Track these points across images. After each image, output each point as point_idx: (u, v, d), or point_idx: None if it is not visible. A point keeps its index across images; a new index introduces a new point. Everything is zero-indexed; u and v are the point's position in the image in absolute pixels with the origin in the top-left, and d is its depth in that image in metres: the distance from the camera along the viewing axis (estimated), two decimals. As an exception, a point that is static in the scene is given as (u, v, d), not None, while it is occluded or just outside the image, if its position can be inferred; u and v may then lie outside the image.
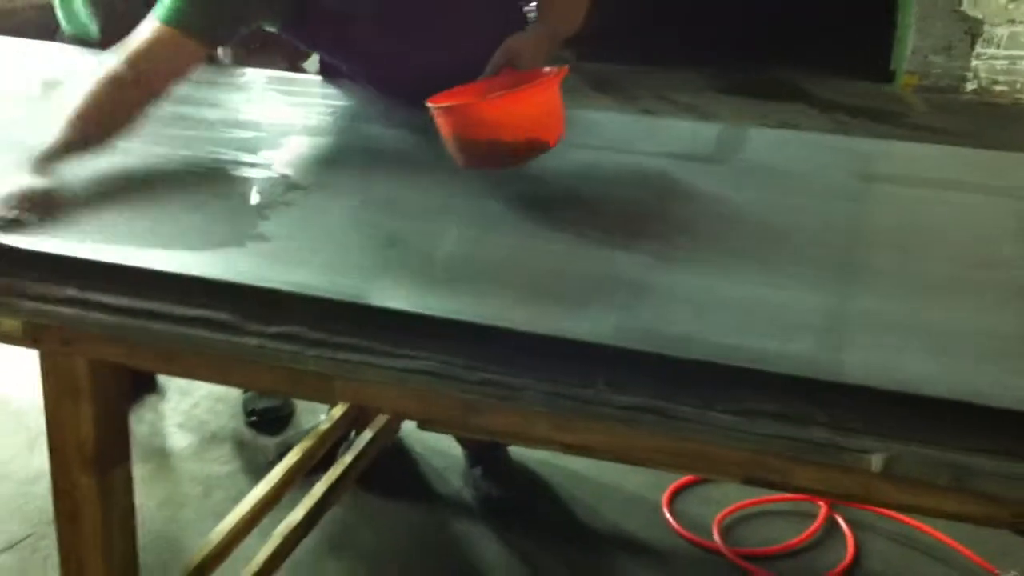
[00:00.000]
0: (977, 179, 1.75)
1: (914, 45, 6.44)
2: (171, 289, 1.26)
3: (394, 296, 1.23)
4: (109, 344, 1.31)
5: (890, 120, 5.82)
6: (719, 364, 1.13)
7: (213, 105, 1.96)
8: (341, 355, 1.20)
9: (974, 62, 6.39)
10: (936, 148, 2.01)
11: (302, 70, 4.05)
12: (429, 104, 1.58)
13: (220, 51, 2.66)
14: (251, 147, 1.73)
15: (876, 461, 1.08)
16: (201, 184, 1.57)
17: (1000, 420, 1.07)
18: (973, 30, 6.34)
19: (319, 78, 2.18)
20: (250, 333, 1.23)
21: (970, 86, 6.42)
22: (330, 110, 1.99)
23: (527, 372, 1.17)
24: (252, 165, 1.65)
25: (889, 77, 6.61)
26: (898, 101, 6.26)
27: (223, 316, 1.24)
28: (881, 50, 6.69)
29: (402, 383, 1.19)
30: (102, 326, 1.27)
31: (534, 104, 1.58)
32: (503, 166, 1.59)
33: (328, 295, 1.22)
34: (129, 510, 1.57)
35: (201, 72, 1.76)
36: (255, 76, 2.19)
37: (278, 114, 1.96)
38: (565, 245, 1.42)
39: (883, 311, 1.27)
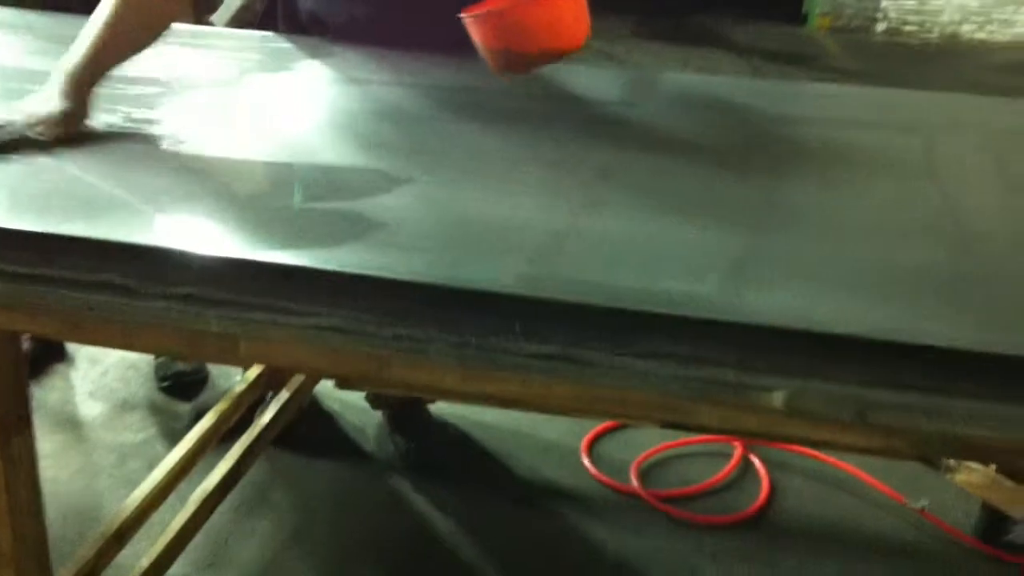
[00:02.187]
0: (882, 117, 1.78)
1: (823, -6, 6.53)
2: (72, 254, 1.22)
3: (299, 253, 1.20)
4: (7, 312, 1.27)
5: (804, 63, 5.90)
6: (626, 309, 1.13)
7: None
8: (246, 315, 1.17)
9: (884, 3, 6.50)
10: (841, 88, 2.04)
11: (208, 23, 3.94)
12: (463, 15, 1.68)
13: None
14: (147, 103, 1.68)
15: (778, 398, 1.09)
16: (97, 144, 1.52)
17: (900, 355, 1.09)
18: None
19: (228, 30, 2.13)
20: (153, 296, 1.19)
21: (881, 27, 6.53)
22: (236, 62, 1.95)
23: (437, 325, 1.16)
24: (148, 122, 1.61)
25: (802, 19, 6.70)
26: (812, 43, 6.35)
27: (125, 280, 1.20)
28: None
29: (310, 341, 1.17)
30: (2, 294, 1.23)
31: (561, 7, 1.66)
32: (534, 68, 1.73)
33: (231, 254, 1.19)
34: (34, 480, 1.53)
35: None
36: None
37: (180, 68, 1.90)
38: (479, 195, 1.41)
39: (792, 251, 1.29)
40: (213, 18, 5.62)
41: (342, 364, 1.21)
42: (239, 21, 5.86)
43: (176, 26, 1.65)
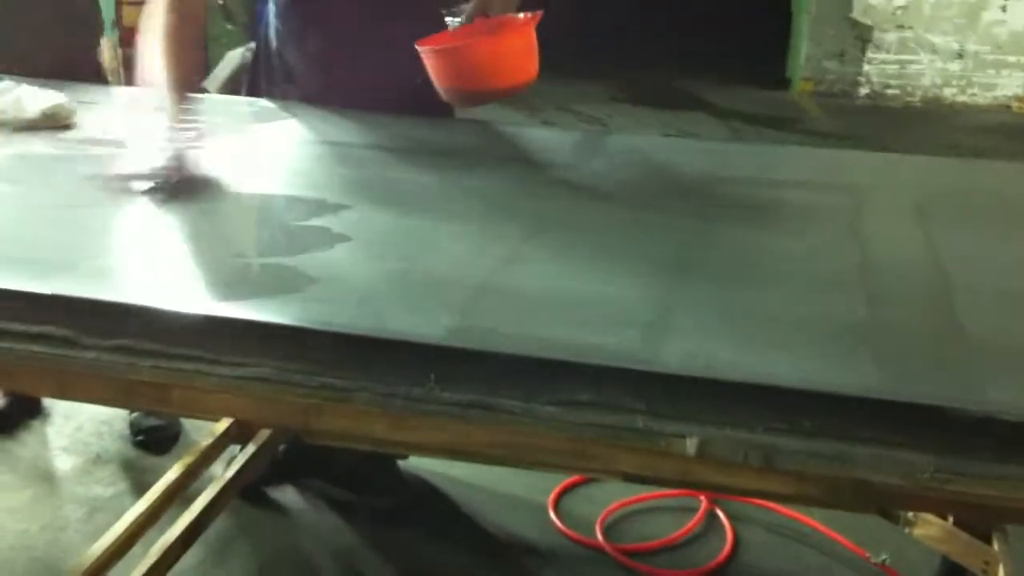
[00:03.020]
0: (819, 178, 1.83)
1: (808, 52, 6.63)
2: (7, 306, 1.26)
3: (229, 305, 1.25)
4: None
5: (785, 126, 5.98)
6: (539, 358, 1.17)
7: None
8: (177, 365, 1.21)
9: (866, 67, 6.59)
10: (790, 149, 2.10)
11: (201, 89, 4.04)
12: (419, 47, 1.79)
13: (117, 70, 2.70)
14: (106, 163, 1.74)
15: (690, 444, 1.13)
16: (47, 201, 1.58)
17: (805, 402, 1.13)
18: (864, 36, 6.54)
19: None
20: (87, 347, 1.24)
21: (863, 90, 6.62)
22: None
23: (362, 375, 1.20)
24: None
25: (785, 84, 6.79)
26: (794, 107, 6.43)
27: (61, 331, 1.24)
28: (776, 58, 6.87)
29: (239, 391, 1.21)
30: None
31: (513, 45, 1.80)
32: (487, 102, 1.86)
33: (160, 306, 1.23)
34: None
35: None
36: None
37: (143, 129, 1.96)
38: (409, 250, 1.45)
39: (706, 303, 1.33)
40: (205, 83, 5.75)
41: (271, 413, 1.25)
42: (233, 85, 5.97)
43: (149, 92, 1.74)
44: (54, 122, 1.96)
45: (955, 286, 1.39)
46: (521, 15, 1.85)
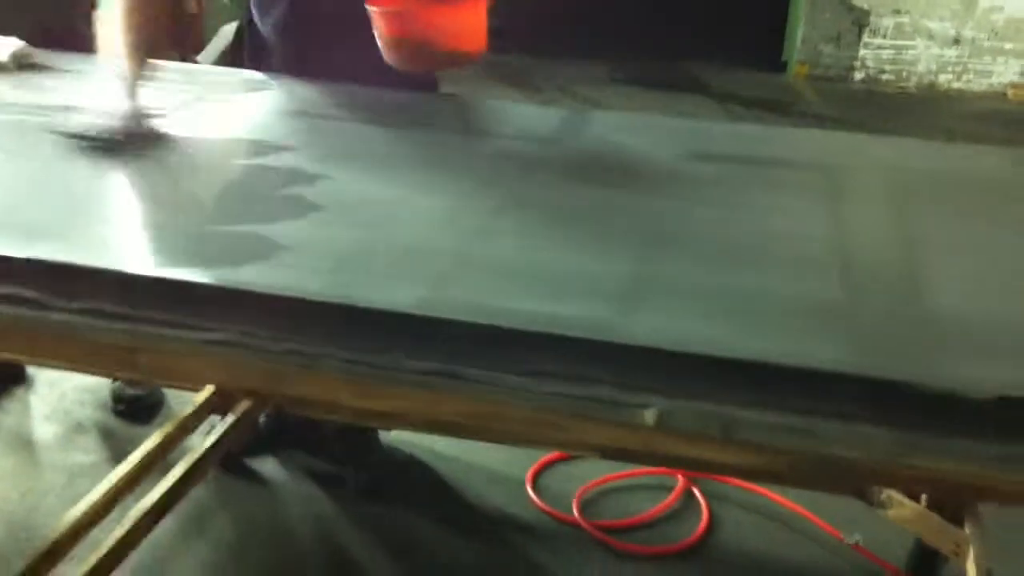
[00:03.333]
0: (798, 157, 1.82)
1: (804, 35, 6.61)
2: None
3: (197, 270, 1.25)
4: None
5: (781, 109, 5.97)
6: (505, 328, 1.17)
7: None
8: (144, 328, 1.22)
9: (862, 51, 6.57)
10: (771, 129, 2.10)
11: (194, 62, 4.03)
12: (369, 6, 1.81)
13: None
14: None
15: (649, 415, 1.13)
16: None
17: (765, 375, 1.13)
18: (860, 20, 6.52)
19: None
20: (55, 309, 1.24)
21: (858, 75, 6.61)
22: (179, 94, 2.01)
23: (329, 341, 1.20)
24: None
25: (781, 67, 6.77)
26: (790, 91, 6.42)
27: (28, 293, 1.25)
28: (774, 41, 6.86)
29: (204, 354, 1.21)
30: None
31: (463, 16, 1.81)
32: (430, 70, 1.88)
33: (128, 269, 1.23)
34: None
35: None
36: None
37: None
38: (384, 222, 1.46)
39: (678, 278, 1.34)
40: (199, 57, 5.71)
41: (238, 378, 1.25)
42: (227, 59, 5.93)
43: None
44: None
45: (926, 265, 1.40)
46: None
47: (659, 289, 1.30)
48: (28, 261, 1.25)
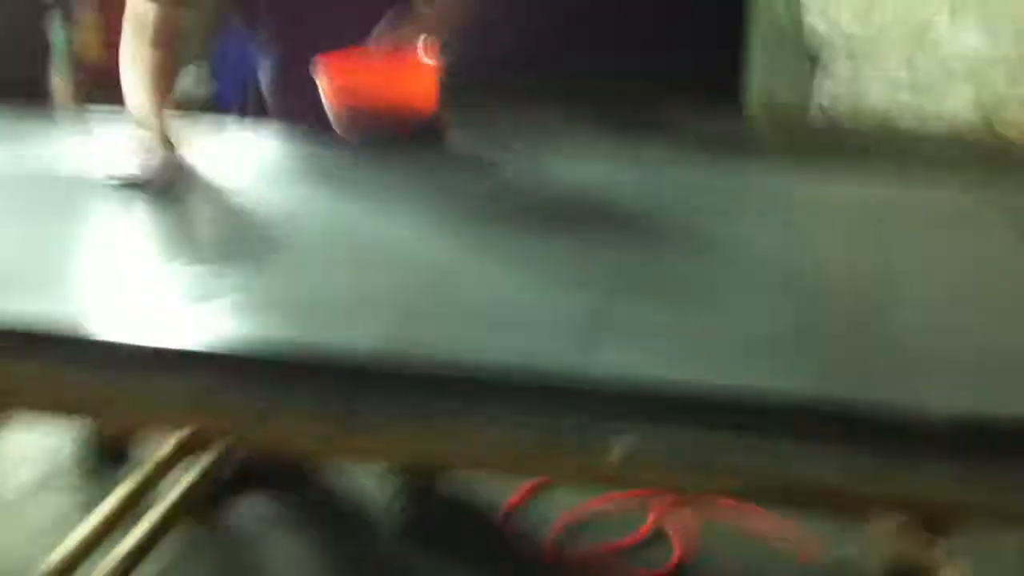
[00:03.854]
0: (761, 195, 1.86)
1: (760, 73, 6.64)
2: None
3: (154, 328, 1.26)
4: None
5: (738, 149, 6.00)
6: (476, 371, 1.18)
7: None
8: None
9: (818, 91, 6.61)
10: (735, 167, 2.11)
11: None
12: (317, 77, 1.80)
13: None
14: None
15: (616, 452, 1.14)
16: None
17: (732, 409, 1.15)
18: (815, 59, 6.58)
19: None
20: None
21: (815, 114, 6.65)
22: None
23: (287, 393, 1.20)
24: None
25: (739, 107, 6.78)
26: (747, 130, 6.46)
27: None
28: (730, 79, 6.84)
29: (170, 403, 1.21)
30: None
31: (414, 84, 1.84)
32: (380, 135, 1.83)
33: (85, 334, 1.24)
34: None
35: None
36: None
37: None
38: (347, 261, 1.47)
39: (642, 317, 1.35)
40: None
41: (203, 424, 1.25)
42: (185, 105, 5.92)
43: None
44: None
45: (893, 296, 1.43)
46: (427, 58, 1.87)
47: (623, 328, 1.32)
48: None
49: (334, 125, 1.84)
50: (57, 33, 2.76)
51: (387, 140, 1.86)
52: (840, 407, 1.14)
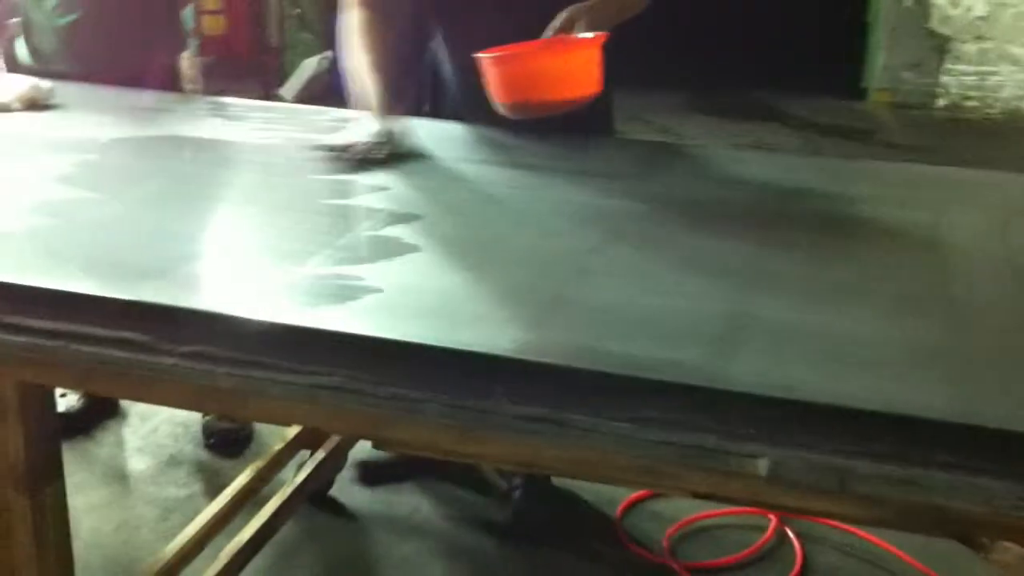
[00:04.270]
0: (898, 193, 1.79)
1: (884, 62, 6.51)
2: (88, 311, 1.29)
3: (298, 313, 1.26)
4: (31, 366, 1.35)
5: (861, 138, 5.88)
6: (610, 374, 1.16)
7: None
8: (249, 372, 1.23)
9: (944, 78, 6.46)
10: (867, 163, 2.06)
11: (278, 97, 4.13)
12: (477, 55, 1.82)
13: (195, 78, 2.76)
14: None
15: (762, 466, 1.11)
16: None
17: (879, 424, 1.10)
18: (942, 47, 6.41)
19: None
20: (164, 352, 1.26)
21: (941, 102, 6.49)
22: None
23: (430, 386, 1.20)
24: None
25: (861, 94, 6.68)
26: (870, 118, 6.33)
27: (138, 336, 1.27)
28: (853, 68, 6.76)
29: (310, 399, 1.22)
30: (24, 348, 1.31)
31: (578, 62, 1.81)
32: (544, 114, 1.84)
33: (236, 314, 1.25)
34: (63, 529, 1.60)
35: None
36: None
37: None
38: (482, 259, 1.46)
39: (779, 320, 1.31)
40: (282, 91, 5.80)
41: (341, 423, 1.26)
42: (309, 93, 6.02)
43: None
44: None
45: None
46: (590, 35, 1.85)
47: (761, 331, 1.27)
48: (138, 304, 1.27)
49: (500, 109, 1.86)
50: (188, 16, 2.85)
51: (554, 122, 1.87)
52: (992, 431, 1.09)
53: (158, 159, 1.90)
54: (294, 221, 1.59)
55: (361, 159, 1.81)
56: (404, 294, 1.34)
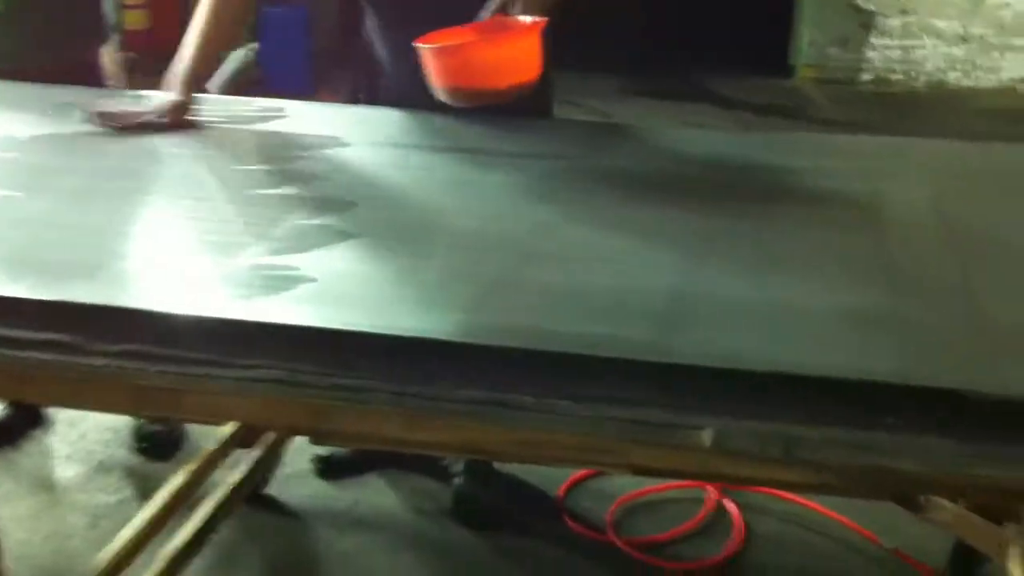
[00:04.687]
0: (834, 164, 1.81)
1: (811, 39, 6.59)
2: (14, 313, 1.24)
3: (236, 307, 1.23)
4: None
5: (791, 114, 5.95)
6: (554, 353, 1.15)
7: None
8: (185, 369, 1.19)
9: (870, 53, 6.56)
10: (802, 136, 2.09)
11: (203, 90, 4.02)
12: (417, 44, 1.80)
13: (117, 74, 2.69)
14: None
15: (706, 437, 1.11)
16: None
17: (823, 390, 1.11)
18: (867, 22, 6.52)
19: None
20: (95, 353, 1.22)
21: (867, 76, 6.59)
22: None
23: (374, 374, 1.18)
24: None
25: (789, 72, 6.75)
26: (798, 95, 6.41)
27: (67, 338, 1.22)
28: (780, 45, 6.83)
29: (248, 393, 1.19)
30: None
31: (519, 48, 1.80)
32: (486, 102, 1.83)
33: (165, 310, 1.21)
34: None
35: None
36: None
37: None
38: (422, 244, 1.44)
39: (723, 291, 1.31)
40: (208, 84, 5.69)
41: (283, 416, 1.23)
42: (235, 86, 5.93)
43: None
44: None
45: (975, 270, 1.38)
46: (529, 19, 1.83)
47: (706, 304, 1.28)
48: (65, 305, 1.23)
49: (442, 97, 1.84)
50: (110, 11, 2.77)
51: (493, 108, 1.86)
52: (934, 391, 1.10)
53: (80, 155, 1.84)
54: (224, 213, 1.55)
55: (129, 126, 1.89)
56: (341, 282, 1.31)
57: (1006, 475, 1.10)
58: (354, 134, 1.92)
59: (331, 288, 1.30)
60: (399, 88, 2.07)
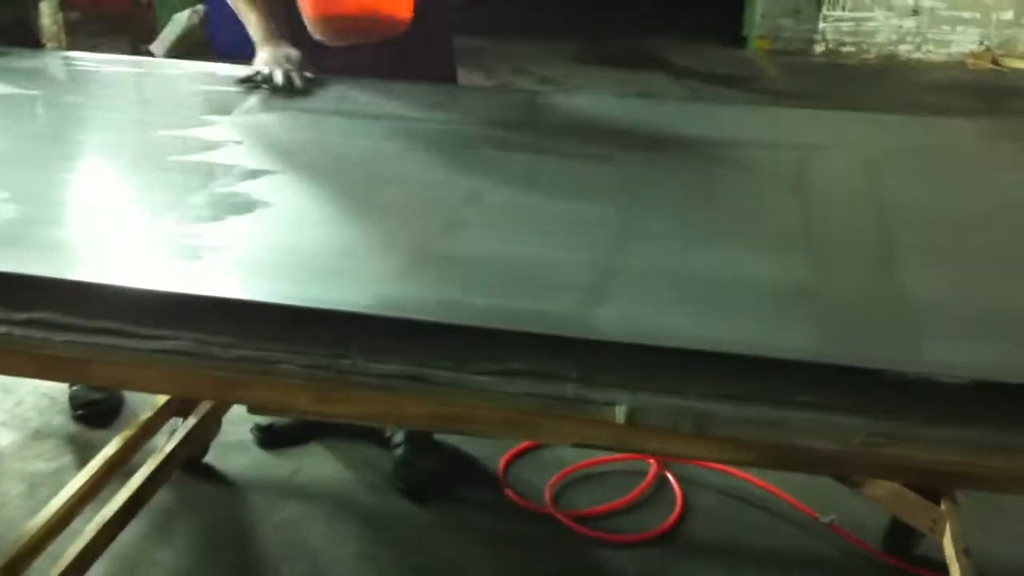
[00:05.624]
0: (766, 136, 1.80)
1: (763, 10, 6.59)
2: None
3: (144, 276, 1.20)
4: None
5: (742, 85, 5.95)
6: (472, 327, 1.14)
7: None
8: (93, 339, 1.17)
9: (822, 24, 6.57)
10: (738, 108, 2.08)
11: (148, 53, 3.98)
12: None
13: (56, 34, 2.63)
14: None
15: (619, 412, 1.10)
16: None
17: (735, 366, 1.10)
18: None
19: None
20: (3, 322, 1.19)
21: (819, 48, 6.61)
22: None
23: (284, 346, 1.16)
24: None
25: (741, 42, 6.76)
26: (750, 66, 6.40)
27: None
28: (733, 16, 6.84)
29: (156, 364, 1.16)
30: None
31: None
32: (358, 37, 1.86)
33: (76, 278, 1.18)
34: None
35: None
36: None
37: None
38: (343, 215, 1.41)
39: (649, 265, 1.30)
40: (152, 47, 5.58)
41: (190, 387, 1.21)
42: (181, 48, 5.82)
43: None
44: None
45: (899, 246, 1.37)
46: None
47: (628, 278, 1.27)
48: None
49: (312, 32, 1.87)
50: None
51: (361, 46, 1.88)
52: (848, 369, 1.09)
53: (5, 119, 1.79)
54: (144, 180, 1.52)
55: (274, 86, 1.90)
56: (257, 252, 1.29)
57: (922, 455, 1.10)
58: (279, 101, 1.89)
59: (245, 258, 1.27)
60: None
